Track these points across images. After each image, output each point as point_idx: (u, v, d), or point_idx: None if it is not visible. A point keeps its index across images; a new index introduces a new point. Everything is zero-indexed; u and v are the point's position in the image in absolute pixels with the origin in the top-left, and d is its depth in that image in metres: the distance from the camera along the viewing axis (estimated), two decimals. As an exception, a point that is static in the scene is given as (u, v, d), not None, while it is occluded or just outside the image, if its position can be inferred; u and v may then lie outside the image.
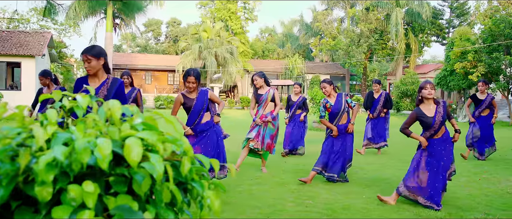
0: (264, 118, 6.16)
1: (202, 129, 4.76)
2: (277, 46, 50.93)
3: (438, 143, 4.59)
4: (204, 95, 4.75)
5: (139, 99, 6.81)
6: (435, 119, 4.52)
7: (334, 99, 5.66)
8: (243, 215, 4.13)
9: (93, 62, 3.35)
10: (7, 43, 17.65)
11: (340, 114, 5.59)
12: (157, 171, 0.72)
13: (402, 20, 30.40)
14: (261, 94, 6.24)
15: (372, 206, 4.52)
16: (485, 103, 7.74)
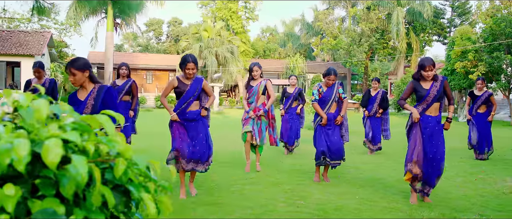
0: (257, 112, 6.12)
1: (188, 117, 4.68)
2: (278, 46, 50.89)
3: (433, 121, 4.58)
4: (199, 83, 4.70)
5: (134, 90, 6.86)
6: (430, 91, 4.51)
7: (327, 88, 5.63)
8: (232, 215, 4.09)
9: (78, 75, 3.40)
10: (7, 42, 17.67)
11: (330, 102, 5.55)
12: (80, 174, 0.68)
13: (403, 20, 30.28)
14: (252, 86, 6.18)
15: (365, 206, 4.47)
16: (481, 100, 7.68)
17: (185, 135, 4.69)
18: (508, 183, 5.72)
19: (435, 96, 4.52)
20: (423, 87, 4.59)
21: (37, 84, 5.99)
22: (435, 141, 4.60)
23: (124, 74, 6.85)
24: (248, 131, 6.15)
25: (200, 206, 4.40)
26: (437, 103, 4.60)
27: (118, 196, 0.79)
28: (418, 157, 4.57)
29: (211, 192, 5.02)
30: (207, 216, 4.06)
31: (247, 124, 6.18)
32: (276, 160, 7.55)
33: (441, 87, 4.55)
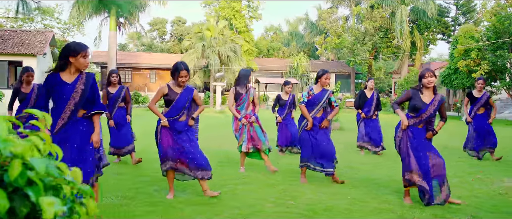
0: (249, 118, 6.04)
1: (178, 128, 4.57)
2: (282, 45, 50.80)
3: (423, 132, 4.53)
4: (189, 93, 4.62)
5: (128, 96, 6.88)
6: (427, 108, 4.42)
7: (319, 91, 5.55)
8: (220, 216, 4.04)
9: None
10: (9, 42, 17.74)
11: (319, 106, 5.47)
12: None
13: (407, 18, 30.07)
14: (241, 93, 6.07)
15: (356, 207, 4.41)
16: (480, 102, 7.57)
17: (176, 144, 4.57)
18: (506, 183, 5.64)
19: (430, 114, 4.46)
20: (422, 100, 4.49)
21: (25, 90, 6.04)
22: (423, 151, 4.49)
23: (115, 82, 6.79)
24: (245, 142, 6.04)
25: (188, 206, 4.35)
26: (428, 121, 4.53)
27: (20, 200, 0.75)
28: (414, 166, 4.48)
29: (200, 192, 4.96)
30: (194, 216, 4.02)
31: (243, 134, 6.06)
32: (272, 161, 7.46)
33: (438, 106, 4.48)
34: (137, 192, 4.89)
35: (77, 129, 3.65)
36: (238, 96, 6.06)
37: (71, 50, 3.58)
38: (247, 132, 6.05)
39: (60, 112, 3.59)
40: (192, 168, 4.54)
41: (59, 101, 3.61)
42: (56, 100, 3.63)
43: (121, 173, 6.09)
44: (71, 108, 3.63)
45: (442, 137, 11.16)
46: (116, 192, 4.88)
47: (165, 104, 4.67)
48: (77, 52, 3.55)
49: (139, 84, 36.87)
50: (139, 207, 4.29)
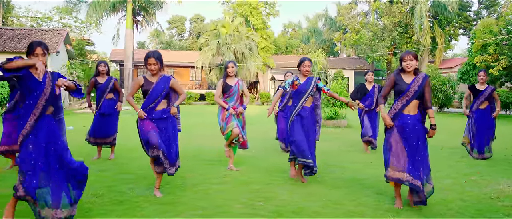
0: (236, 109, 5.92)
1: (157, 116, 4.50)
2: (301, 42, 50.33)
3: (412, 120, 4.25)
4: (165, 82, 4.52)
5: (118, 86, 6.92)
6: (410, 86, 4.19)
7: (304, 80, 5.35)
8: (180, 216, 3.90)
9: (45, 57, 3.64)
10: (24, 41, 18.12)
11: (306, 96, 5.26)
12: None
13: (428, 13, 29.19)
14: (230, 85, 5.95)
15: (328, 210, 4.18)
16: (483, 95, 7.17)
17: (154, 129, 4.48)
18: (501, 186, 5.27)
19: (416, 91, 4.20)
20: (404, 81, 4.27)
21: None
22: (416, 141, 4.23)
23: (103, 71, 6.84)
24: (234, 127, 5.92)
25: (152, 205, 4.24)
26: (416, 101, 4.26)
27: None
28: (397, 160, 4.22)
29: (173, 190, 4.85)
30: (153, 216, 3.90)
31: (230, 121, 5.96)
32: (265, 159, 7.28)
33: (423, 83, 4.22)
34: (109, 190, 4.81)
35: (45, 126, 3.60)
36: (227, 88, 5.94)
37: (27, 48, 3.64)
38: (235, 119, 5.92)
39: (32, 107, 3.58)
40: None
41: (31, 97, 3.58)
42: (27, 95, 3.59)
43: (104, 170, 6.04)
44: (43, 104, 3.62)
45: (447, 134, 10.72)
46: (89, 189, 4.81)
47: (142, 96, 4.60)
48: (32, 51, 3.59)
49: (157, 82, 37.22)
50: (102, 206, 4.20)
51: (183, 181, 5.37)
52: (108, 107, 6.84)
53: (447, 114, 19.59)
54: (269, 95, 32.83)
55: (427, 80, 4.26)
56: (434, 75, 20.59)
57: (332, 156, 7.48)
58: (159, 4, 30.66)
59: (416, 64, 4.24)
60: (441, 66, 30.32)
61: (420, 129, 4.30)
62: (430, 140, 4.63)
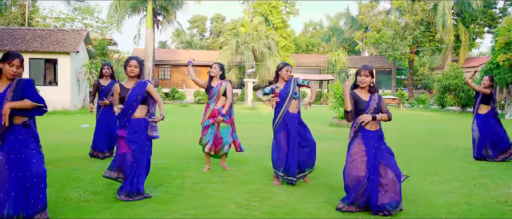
0: (216, 118, 5.71)
1: (133, 126, 4.37)
2: (322, 40, 49.90)
3: (375, 137, 4.06)
4: (141, 87, 4.41)
5: None
6: (369, 104, 4.05)
7: (283, 85, 5.24)
8: (172, 215, 3.88)
9: (21, 69, 3.46)
10: (46, 41, 18.60)
11: (288, 99, 5.12)
12: None
13: (451, 10, 28.41)
14: (212, 86, 5.82)
15: (322, 211, 4.09)
16: (479, 97, 6.93)
17: (127, 143, 4.37)
18: (511, 190, 5.05)
19: (375, 109, 4.07)
20: (362, 98, 4.09)
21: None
22: (382, 157, 4.01)
23: (107, 74, 6.83)
24: (205, 143, 5.77)
25: (146, 203, 4.24)
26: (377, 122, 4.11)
27: None
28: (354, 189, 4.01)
29: (171, 190, 4.84)
30: (146, 215, 3.89)
31: (205, 134, 5.77)
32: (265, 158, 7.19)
33: (380, 102, 4.11)
34: (108, 188, 4.85)
35: (16, 137, 3.46)
36: (209, 89, 5.83)
37: (2, 58, 3.47)
38: (213, 132, 5.75)
39: None
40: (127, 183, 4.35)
41: None
42: None
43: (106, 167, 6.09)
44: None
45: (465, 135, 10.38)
46: (88, 187, 4.88)
47: (120, 103, 4.46)
48: (4, 60, 3.43)
49: (177, 81, 37.61)
50: (97, 203, 4.23)
51: (183, 180, 5.36)
52: (109, 112, 6.69)
53: (470, 114, 18.97)
54: (288, 95, 32.61)
55: (382, 100, 4.16)
56: (456, 74, 20.00)
57: (337, 156, 7.34)
58: (179, 4, 30.95)
59: (370, 81, 4.08)
60: (465, 65, 29.48)
61: (383, 144, 4.10)
62: (444, 141, 4.44)
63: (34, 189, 3.45)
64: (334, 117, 13.80)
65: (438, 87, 21.10)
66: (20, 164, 3.42)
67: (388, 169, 3.96)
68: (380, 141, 4.07)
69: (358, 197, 3.99)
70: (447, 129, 12.66)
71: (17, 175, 3.39)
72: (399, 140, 9.81)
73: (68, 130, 11.18)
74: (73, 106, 18.74)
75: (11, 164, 3.39)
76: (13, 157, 3.40)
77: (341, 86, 13.60)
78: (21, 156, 3.43)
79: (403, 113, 21.09)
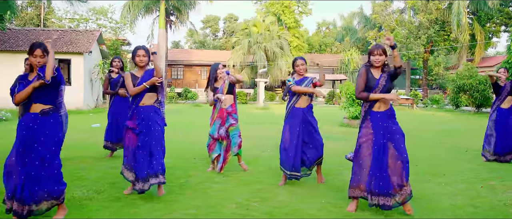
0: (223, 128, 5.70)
1: (140, 113, 4.43)
2: (335, 40, 49.59)
3: (383, 118, 4.01)
4: (149, 75, 4.47)
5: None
6: (379, 82, 4.00)
7: (299, 78, 5.19)
8: (172, 215, 3.89)
9: (45, 58, 3.68)
10: (59, 41, 18.88)
11: (297, 94, 5.09)
12: None
13: (466, 9, 27.92)
14: (217, 87, 5.81)
15: (323, 212, 4.05)
16: (506, 90, 6.71)
17: (135, 134, 4.42)
18: (521, 192, 4.92)
19: (384, 86, 4.00)
20: (374, 76, 4.06)
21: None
22: (391, 139, 3.96)
23: (117, 67, 6.93)
24: (214, 158, 5.81)
25: (148, 203, 4.26)
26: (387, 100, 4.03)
27: None
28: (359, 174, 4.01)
29: (173, 189, 4.85)
30: (145, 214, 3.91)
31: (213, 149, 5.78)
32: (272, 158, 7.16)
33: (389, 76, 4.03)
34: (112, 187, 4.89)
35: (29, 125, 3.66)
36: (215, 90, 5.82)
37: (28, 51, 3.73)
38: (223, 148, 5.73)
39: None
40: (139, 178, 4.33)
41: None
42: None
43: (113, 166, 6.14)
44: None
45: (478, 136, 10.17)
46: (92, 186, 4.93)
47: None
48: (30, 53, 3.70)
49: (190, 81, 37.82)
50: (100, 202, 4.26)
51: (186, 179, 5.38)
52: (119, 103, 6.82)
53: (484, 114, 18.62)
54: (300, 95, 32.48)
55: (392, 74, 4.03)
56: (471, 74, 19.65)
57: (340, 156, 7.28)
58: (192, 4, 31.08)
59: (384, 59, 4.01)
60: (481, 64, 28.95)
61: (393, 124, 4.02)
62: (456, 142, 4.34)
63: (45, 178, 3.59)
64: (344, 117, 13.68)
65: (452, 87, 20.76)
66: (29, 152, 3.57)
67: (396, 152, 3.92)
68: (389, 121, 4.01)
69: (361, 180, 3.99)
70: (460, 130, 12.44)
71: (24, 162, 3.55)
72: (407, 140, 9.61)
73: (79, 129, 11.32)
74: (86, 106, 18.99)
75: (20, 152, 3.57)
76: (28, 144, 3.58)
77: (352, 86, 13.46)
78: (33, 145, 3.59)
79: (416, 113, 20.81)
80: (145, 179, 4.28)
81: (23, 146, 3.59)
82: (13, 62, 17.58)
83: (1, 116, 12.92)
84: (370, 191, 3.93)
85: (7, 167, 3.58)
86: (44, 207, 3.59)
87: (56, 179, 3.65)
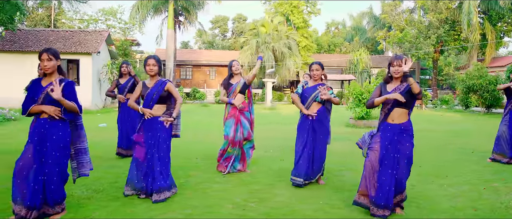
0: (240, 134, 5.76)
1: (146, 125, 4.44)
2: (344, 40, 49.32)
3: (394, 130, 3.92)
4: (159, 86, 4.47)
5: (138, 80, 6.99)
6: (391, 94, 3.90)
7: (312, 84, 5.17)
8: (167, 215, 3.90)
9: (53, 62, 3.69)
10: (68, 42, 19.08)
11: (310, 101, 5.07)
12: None
13: (477, 8, 27.57)
14: (231, 84, 5.81)
15: (319, 213, 4.02)
16: None
17: (142, 145, 4.45)
18: (524, 194, 4.84)
19: (395, 100, 3.87)
20: (387, 90, 3.98)
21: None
22: (394, 152, 3.89)
23: (125, 72, 6.95)
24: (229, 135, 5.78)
25: (145, 202, 4.27)
26: (400, 109, 3.92)
27: None
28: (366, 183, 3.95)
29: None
30: (142, 214, 3.92)
31: (231, 128, 5.78)
32: (275, 159, 7.16)
33: (405, 90, 3.88)
34: (111, 186, 4.92)
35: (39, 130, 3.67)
36: (229, 86, 5.83)
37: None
38: (234, 155, 5.76)
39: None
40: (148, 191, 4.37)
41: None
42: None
43: (115, 166, 6.19)
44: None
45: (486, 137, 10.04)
46: (92, 185, 4.96)
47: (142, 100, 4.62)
48: (39, 59, 3.72)
49: (199, 81, 37.93)
50: (98, 201, 4.29)
51: (187, 179, 5.39)
52: (127, 109, 6.75)
53: (495, 115, 18.36)
54: (308, 95, 32.39)
55: (411, 86, 3.80)
56: (481, 74, 19.38)
57: (348, 157, 7.23)
58: (200, 5, 31.21)
59: (403, 70, 3.86)
60: (492, 64, 28.57)
61: (401, 139, 3.89)
62: (463, 143, 4.26)
63: (49, 183, 3.62)
64: (351, 117, 13.60)
65: (461, 88, 20.50)
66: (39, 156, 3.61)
67: (396, 172, 3.87)
68: (400, 135, 3.90)
69: (365, 188, 3.96)
70: (468, 131, 12.27)
71: (37, 165, 3.58)
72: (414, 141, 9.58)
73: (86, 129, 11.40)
74: (94, 106, 19.15)
75: (35, 155, 3.59)
76: (38, 149, 3.60)
77: (359, 86, 13.38)
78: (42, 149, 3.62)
79: (425, 113, 20.59)
80: (148, 194, 4.35)
81: (35, 150, 3.60)
82: (23, 62, 17.84)
83: (10, 116, 13.09)
84: (369, 196, 3.92)
85: (17, 169, 3.57)
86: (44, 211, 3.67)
87: (56, 187, 3.67)
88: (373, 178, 3.91)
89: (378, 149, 3.93)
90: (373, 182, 3.90)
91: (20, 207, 3.53)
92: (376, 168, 3.90)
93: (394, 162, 3.86)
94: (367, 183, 3.92)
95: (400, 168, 3.88)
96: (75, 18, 30.19)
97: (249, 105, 5.88)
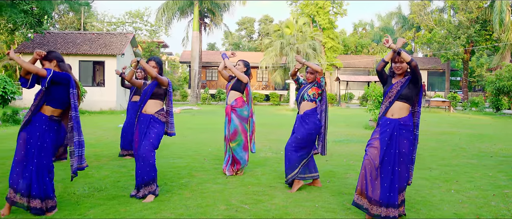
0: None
1: (141, 122, 4.55)
2: (372, 41, 48.45)
3: (394, 123, 3.81)
4: (154, 84, 4.59)
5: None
6: (393, 86, 3.83)
7: (308, 82, 5.17)
8: (159, 214, 3.92)
9: (46, 65, 3.96)
10: (94, 44, 19.63)
11: (299, 100, 5.09)
12: None
13: (509, 7, 26.48)
14: (232, 76, 5.82)
15: (314, 216, 3.95)
16: None
17: (138, 138, 4.56)
18: (536, 201, 4.59)
19: (398, 91, 3.80)
20: (391, 81, 3.94)
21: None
22: (395, 147, 3.78)
23: (139, 77, 7.07)
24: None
25: (139, 201, 4.32)
26: (401, 103, 3.83)
27: None
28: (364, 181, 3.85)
29: (172, 189, 4.90)
30: (135, 213, 3.96)
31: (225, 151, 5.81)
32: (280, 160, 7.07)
33: (406, 82, 3.81)
34: (113, 185, 5.01)
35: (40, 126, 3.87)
36: (230, 79, 5.86)
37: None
38: (229, 150, 5.71)
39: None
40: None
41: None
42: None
43: (122, 166, 6.30)
44: (35, 103, 3.95)
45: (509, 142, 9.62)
46: (95, 183, 5.07)
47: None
48: None
49: (224, 82, 38.17)
50: (95, 200, 4.37)
51: (188, 179, 5.42)
52: (132, 112, 6.91)
53: (527, 118, 17.58)
54: (334, 97, 32.06)
55: (411, 80, 3.80)
56: (511, 75, 18.61)
57: (353, 159, 7.10)
58: (225, 6, 31.44)
59: (406, 67, 3.81)
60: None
61: (402, 134, 3.79)
62: (483, 147, 4.07)
63: (39, 177, 3.82)
64: (370, 119, 13.33)
65: (491, 90, 19.74)
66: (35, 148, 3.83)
67: (396, 170, 3.78)
68: (400, 130, 3.79)
69: (363, 186, 3.87)
70: (494, 134, 11.77)
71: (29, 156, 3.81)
72: (430, 143, 9.30)
73: (104, 128, 11.71)
74: (118, 107, 19.61)
75: (29, 144, 3.81)
76: (32, 141, 3.82)
77: (379, 87, 13.09)
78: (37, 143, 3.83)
79: (452, 116, 19.95)
80: (138, 187, 4.43)
81: (29, 144, 3.82)
82: (52, 64, 18.49)
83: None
84: (366, 196, 3.82)
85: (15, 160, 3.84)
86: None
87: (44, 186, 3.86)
88: (372, 175, 3.80)
89: (377, 145, 3.84)
90: (373, 179, 3.79)
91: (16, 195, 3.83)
92: (376, 165, 3.80)
93: (395, 158, 3.77)
94: (366, 181, 3.83)
95: (401, 165, 3.78)
96: (104, 21, 31.06)
97: (246, 105, 5.72)
